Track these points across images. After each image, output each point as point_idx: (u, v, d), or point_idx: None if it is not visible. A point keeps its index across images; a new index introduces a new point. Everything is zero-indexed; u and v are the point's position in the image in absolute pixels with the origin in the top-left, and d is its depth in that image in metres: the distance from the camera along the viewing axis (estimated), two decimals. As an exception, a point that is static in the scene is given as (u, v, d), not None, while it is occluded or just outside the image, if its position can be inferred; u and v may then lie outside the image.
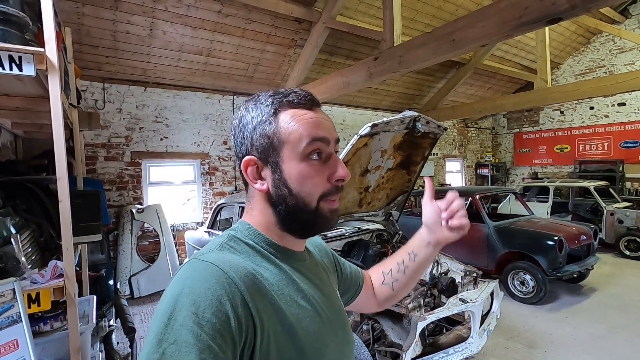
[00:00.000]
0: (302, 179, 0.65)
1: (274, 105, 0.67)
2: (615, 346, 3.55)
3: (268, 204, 0.70)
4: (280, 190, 0.67)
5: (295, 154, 0.65)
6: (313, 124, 0.66)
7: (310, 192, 0.66)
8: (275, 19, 5.38)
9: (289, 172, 0.66)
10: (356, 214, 3.67)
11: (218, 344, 0.50)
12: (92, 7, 4.27)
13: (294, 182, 0.66)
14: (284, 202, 0.67)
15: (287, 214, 0.68)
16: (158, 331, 0.50)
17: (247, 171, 0.69)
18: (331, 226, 0.70)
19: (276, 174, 0.67)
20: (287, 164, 0.66)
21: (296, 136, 0.65)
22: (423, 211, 0.97)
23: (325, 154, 0.67)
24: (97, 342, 2.51)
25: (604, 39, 9.15)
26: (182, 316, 0.51)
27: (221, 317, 0.52)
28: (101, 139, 5.31)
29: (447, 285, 3.08)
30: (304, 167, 0.65)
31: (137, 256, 5.25)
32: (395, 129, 2.91)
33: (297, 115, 0.66)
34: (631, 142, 8.91)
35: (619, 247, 6.73)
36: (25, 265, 1.67)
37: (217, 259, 0.59)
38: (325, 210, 0.68)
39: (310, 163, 0.66)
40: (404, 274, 0.97)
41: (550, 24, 2.71)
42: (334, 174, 0.67)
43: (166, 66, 5.51)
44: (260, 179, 0.69)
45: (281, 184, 0.67)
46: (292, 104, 0.67)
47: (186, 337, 0.49)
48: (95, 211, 2.41)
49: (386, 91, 8.34)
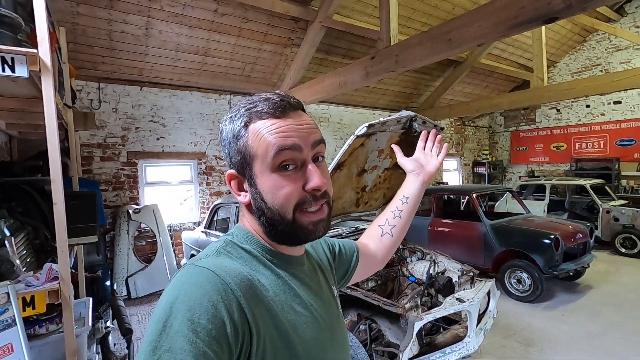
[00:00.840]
0: (274, 191, 0.64)
1: (244, 119, 0.66)
2: (611, 343, 3.57)
3: (253, 215, 0.70)
4: (258, 203, 0.67)
5: (265, 167, 0.64)
6: (280, 134, 0.63)
7: (283, 203, 0.64)
8: (272, 18, 5.36)
9: (262, 185, 0.65)
10: (353, 213, 3.67)
11: (214, 350, 0.50)
12: (87, 6, 4.24)
13: (267, 194, 0.65)
14: (263, 215, 0.67)
15: (268, 226, 0.67)
16: (153, 338, 0.50)
17: (231, 184, 0.71)
18: (316, 237, 0.69)
19: (252, 188, 0.67)
20: (260, 177, 0.65)
21: (263, 149, 0.64)
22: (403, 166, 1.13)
23: (299, 161, 0.65)
24: (93, 343, 2.50)
25: (600, 37, 9.18)
26: (177, 323, 0.50)
27: (217, 324, 0.51)
28: (97, 139, 5.28)
29: (444, 284, 3.09)
30: (275, 178, 0.64)
31: (134, 257, 5.23)
32: (392, 128, 2.91)
33: (264, 127, 0.64)
34: (627, 140, 8.96)
35: (614, 244, 6.77)
36: (19, 268, 1.66)
37: (214, 265, 0.59)
38: (305, 222, 0.66)
39: (282, 174, 0.64)
40: (400, 218, 1.08)
41: (546, 23, 2.72)
42: (307, 183, 0.65)
43: (162, 66, 5.48)
44: (243, 191, 0.70)
45: (258, 197, 0.67)
46: (261, 115, 0.65)
47: (182, 344, 0.48)
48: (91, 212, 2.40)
49: (383, 90, 8.34)
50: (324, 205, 0.67)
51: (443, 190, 6.63)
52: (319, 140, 0.68)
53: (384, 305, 2.55)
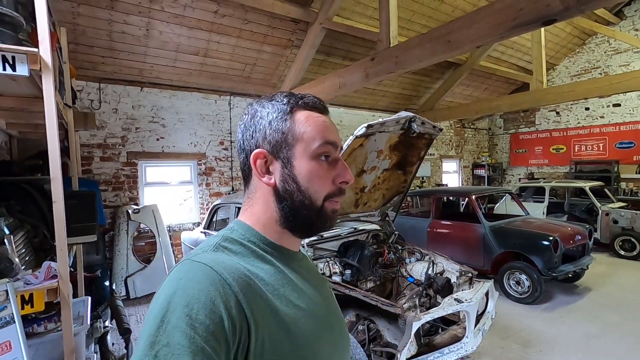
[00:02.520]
0: (311, 177, 0.67)
1: (290, 104, 0.69)
2: (609, 345, 3.57)
3: (273, 199, 0.70)
4: (289, 185, 0.68)
5: (307, 153, 0.67)
6: (326, 127, 0.69)
7: (317, 190, 0.68)
8: (272, 19, 5.38)
9: (300, 168, 0.68)
10: (352, 214, 3.67)
11: (212, 346, 0.50)
12: (87, 6, 4.25)
13: (303, 178, 0.67)
14: (290, 198, 0.68)
15: (291, 210, 0.69)
16: (150, 333, 0.50)
17: (256, 164, 0.69)
18: (331, 226, 0.73)
19: (286, 169, 0.68)
20: (299, 160, 0.68)
21: (310, 136, 0.67)
22: None
23: (332, 157, 0.70)
24: (92, 343, 2.50)
25: (599, 40, 9.21)
26: (175, 318, 0.50)
27: (215, 319, 0.51)
28: (97, 139, 5.28)
29: (442, 285, 3.10)
30: (314, 166, 0.68)
31: (133, 257, 5.23)
32: (391, 129, 2.92)
33: (312, 117, 0.69)
34: (626, 142, 8.97)
35: (614, 247, 6.77)
36: (18, 266, 1.67)
37: (211, 260, 0.59)
38: (329, 210, 0.70)
39: (320, 163, 0.68)
40: None
41: (545, 25, 2.73)
42: (339, 177, 0.69)
43: (162, 66, 5.50)
44: (267, 173, 0.70)
45: (290, 179, 0.68)
46: (308, 106, 0.70)
47: (179, 340, 0.49)
48: (91, 212, 2.40)
49: (383, 92, 8.35)
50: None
51: (442, 192, 6.64)
52: (341, 145, 0.76)
53: (382, 305, 2.55)
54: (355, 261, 3.32)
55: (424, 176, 10.09)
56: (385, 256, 3.65)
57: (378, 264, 3.61)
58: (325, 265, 3.24)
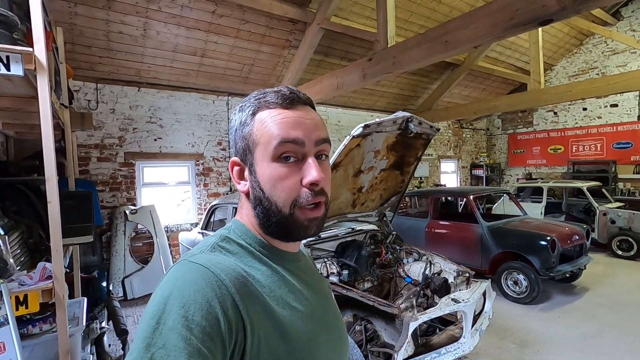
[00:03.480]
0: (273, 181, 0.64)
1: (253, 107, 0.67)
2: (606, 345, 3.58)
3: (250, 205, 0.70)
4: (256, 192, 0.67)
5: (266, 155, 0.64)
6: (285, 125, 0.64)
7: (282, 196, 0.64)
8: (270, 19, 5.37)
9: (262, 173, 0.65)
10: (350, 214, 3.67)
11: (208, 347, 0.49)
12: (84, 6, 4.24)
13: (266, 184, 0.65)
14: (260, 204, 0.67)
15: (264, 217, 0.67)
16: (146, 335, 0.50)
17: (233, 172, 0.71)
18: (311, 234, 0.68)
19: (252, 176, 0.68)
20: (260, 165, 0.65)
21: (267, 137, 0.64)
22: None
23: (300, 154, 0.64)
24: (88, 344, 2.49)
25: (597, 40, 9.24)
26: (171, 319, 0.50)
27: (211, 320, 0.51)
28: (94, 140, 5.27)
29: (439, 285, 3.10)
30: (275, 168, 0.64)
31: (130, 257, 5.22)
32: (388, 129, 2.92)
33: (270, 116, 0.65)
34: (623, 142, 9.00)
35: (611, 247, 6.79)
36: (13, 267, 1.66)
37: (208, 261, 0.59)
38: (301, 218, 0.65)
39: (282, 165, 0.64)
40: None
41: (542, 25, 2.74)
42: (304, 177, 0.64)
43: (160, 66, 5.49)
44: (243, 180, 0.70)
45: (256, 186, 0.67)
46: (269, 104, 0.66)
47: (175, 341, 0.48)
48: (87, 212, 2.39)
49: (381, 92, 8.36)
50: (321, 203, 0.66)
51: (440, 192, 6.64)
52: (323, 139, 0.67)
53: (379, 305, 2.55)
54: (352, 261, 3.32)
55: (422, 176, 10.09)
56: (383, 256, 3.65)
57: (375, 264, 3.61)
58: (322, 265, 3.24)
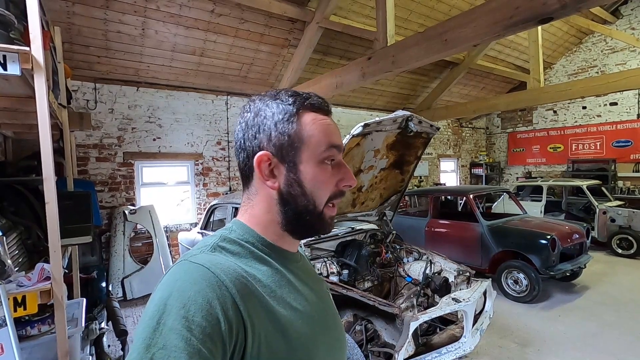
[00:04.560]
0: (316, 182, 0.67)
1: (297, 105, 0.67)
2: (607, 343, 3.58)
3: (276, 202, 0.68)
4: (293, 189, 0.67)
5: (313, 157, 0.67)
6: (331, 130, 0.69)
7: (321, 195, 0.68)
8: (269, 18, 5.36)
9: (306, 173, 0.67)
10: (350, 214, 3.66)
11: (208, 348, 0.49)
12: (82, 6, 4.22)
13: (309, 182, 0.67)
14: (294, 202, 0.67)
15: (294, 214, 0.68)
16: (146, 335, 0.49)
17: (261, 167, 0.67)
18: (329, 230, 0.73)
19: (291, 173, 0.67)
20: (305, 164, 0.67)
21: (317, 140, 0.67)
22: None
23: (336, 160, 0.69)
24: (87, 345, 2.48)
25: (596, 39, 9.23)
26: (171, 320, 0.50)
27: (211, 321, 0.51)
28: (93, 140, 5.25)
29: (440, 284, 3.09)
30: (320, 170, 0.67)
31: (129, 258, 5.20)
32: (388, 128, 2.91)
33: (317, 119, 0.68)
34: (623, 141, 8.99)
35: (611, 245, 6.79)
36: (11, 268, 1.65)
37: (208, 261, 0.58)
38: (327, 215, 0.70)
39: (325, 167, 0.68)
40: None
41: (541, 23, 2.73)
42: (342, 180, 0.69)
43: (159, 66, 5.47)
44: (272, 176, 0.68)
45: (295, 184, 0.67)
46: (314, 107, 0.69)
47: (176, 342, 0.48)
48: (86, 212, 2.38)
49: (380, 91, 8.35)
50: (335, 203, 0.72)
51: (440, 191, 6.64)
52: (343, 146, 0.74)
53: (379, 305, 2.54)
54: (352, 261, 3.31)
55: (422, 175, 10.09)
56: (383, 256, 3.64)
57: (376, 263, 3.60)
58: (322, 265, 3.23)
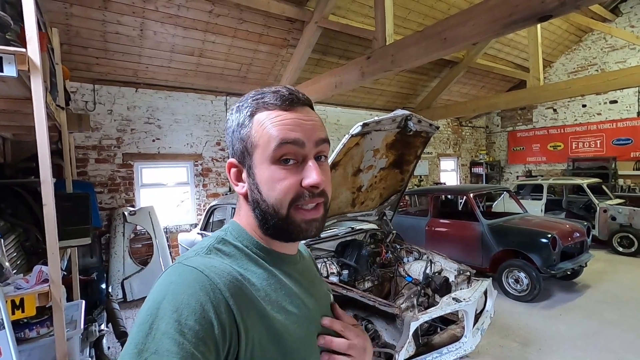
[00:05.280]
0: (271, 183, 0.63)
1: (251, 108, 0.66)
2: (608, 342, 3.56)
3: (249, 207, 0.69)
4: (254, 194, 0.66)
5: (265, 157, 0.63)
6: (284, 126, 0.63)
7: (279, 197, 0.63)
8: (267, 18, 5.35)
9: (260, 176, 0.64)
10: (349, 214, 3.65)
11: (201, 351, 0.49)
12: (80, 7, 4.21)
13: (264, 186, 0.64)
14: (258, 207, 0.66)
15: (262, 219, 0.66)
16: (139, 340, 0.49)
17: (230, 173, 0.70)
18: (307, 236, 0.66)
19: (250, 178, 0.66)
20: (259, 167, 0.64)
21: (265, 139, 0.63)
22: None
23: (300, 156, 0.64)
24: (87, 347, 2.48)
25: (596, 37, 9.22)
26: (164, 324, 0.49)
27: (204, 324, 0.51)
28: (92, 141, 5.25)
29: (440, 284, 3.08)
30: (274, 170, 0.63)
31: (129, 259, 5.20)
32: (387, 127, 2.90)
33: (269, 118, 0.64)
34: (623, 139, 8.98)
35: (612, 243, 6.77)
36: (9, 270, 1.64)
37: (202, 264, 0.58)
38: (298, 219, 0.64)
39: (281, 167, 0.63)
40: None
41: (541, 21, 2.72)
42: (304, 179, 0.63)
43: (158, 67, 5.46)
44: (241, 181, 0.69)
45: (255, 188, 0.66)
46: (267, 106, 0.65)
47: (168, 346, 0.48)
48: (84, 214, 2.37)
49: (380, 90, 8.34)
50: (320, 204, 0.66)
51: (440, 190, 6.62)
52: (323, 139, 0.66)
53: (379, 305, 2.53)
54: (352, 261, 3.30)
55: (422, 175, 10.08)
56: (383, 256, 3.64)
57: (376, 263, 3.59)
58: (322, 265, 3.23)
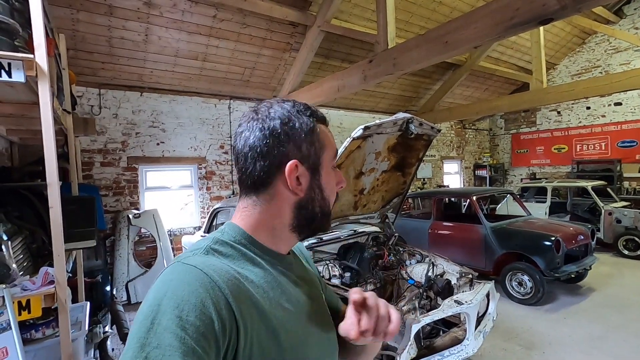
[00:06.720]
0: (331, 186, 0.76)
1: (314, 118, 0.74)
2: (613, 346, 3.54)
3: (293, 207, 0.71)
4: (315, 194, 0.72)
5: (329, 164, 0.75)
6: (333, 140, 0.78)
7: (332, 197, 0.77)
8: (271, 23, 5.39)
9: (326, 179, 0.74)
10: (351, 216, 3.66)
11: (202, 346, 0.50)
12: (86, 13, 4.28)
13: (327, 187, 0.75)
14: (312, 205, 0.72)
15: (311, 216, 0.73)
16: (141, 335, 0.50)
17: (291, 174, 0.68)
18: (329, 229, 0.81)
19: (315, 180, 0.72)
20: (324, 171, 0.74)
21: (329, 149, 0.75)
22: None
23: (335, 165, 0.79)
24: (91, 348, 2.50)
25: (599, 39, 9.19)
26: (165, 320, 0.51)
27: (205, 320, 0.52)
28: (97, 145, 5.31)
29: (442, 287, 3.08)
30: (332, 175, 0.76)
31: (134, 262, 5.23)
32: (389, 131, 2.92)
33: (327, 131, 0.77)
34: (628, 141, 8.92)
35: (617, 246, 6.72)
36: (16, 272, 1.67)
37: (201, 263, 0.59)
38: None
39: (333, 173, 0.77)
40: None
41: (542, 24, 2.73)
42: (339, 183, 0.78)
43: (162, 71, 5.52)
44: (299, 183, 0.70)
45: (317, 189, 0.73)
46: (322, 120, 0.77)
47: (170, 341, 0.49)
48: (90, 217, 2.40)
49: (383, 94, 8.36)
50: None
51: (444, 193, 6.62)
52: None
53: (382, 308, 2.53)
54: (354, 264, 3.31)
55: (425, 177, 10.07)
56: (385, 258, 3.64)
57: (378, 266, 3.59)
58: (324, 268, 3.23)
